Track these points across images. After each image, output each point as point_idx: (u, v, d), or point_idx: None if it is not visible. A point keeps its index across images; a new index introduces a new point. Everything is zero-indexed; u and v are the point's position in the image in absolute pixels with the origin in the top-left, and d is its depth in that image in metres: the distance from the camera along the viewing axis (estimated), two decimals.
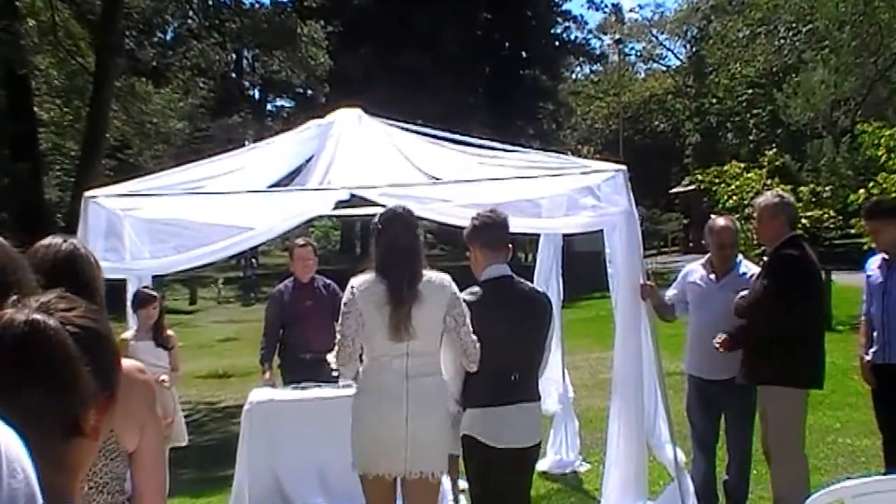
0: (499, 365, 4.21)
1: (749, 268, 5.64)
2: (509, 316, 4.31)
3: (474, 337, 4.11)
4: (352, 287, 4.11)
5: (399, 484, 4.15)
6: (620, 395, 5.55)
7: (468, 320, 4.11)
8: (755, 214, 5.51)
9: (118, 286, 6.13)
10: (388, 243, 4.11)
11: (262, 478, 5.97)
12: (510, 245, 4.45)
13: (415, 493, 4.14)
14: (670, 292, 5.89)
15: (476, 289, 4.36)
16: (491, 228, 4.40)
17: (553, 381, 6.97)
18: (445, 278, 4.17)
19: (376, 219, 4.25)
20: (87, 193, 5.29)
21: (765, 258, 5.46)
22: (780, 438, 5.19)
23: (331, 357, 4.38)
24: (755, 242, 15.39)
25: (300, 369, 6.44)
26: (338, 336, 4.12)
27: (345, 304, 4.12)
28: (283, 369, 6.77)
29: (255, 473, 5.96)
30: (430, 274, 4.14)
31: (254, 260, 35.47)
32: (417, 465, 4.05)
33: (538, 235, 7.10)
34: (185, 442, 6.34)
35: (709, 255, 5.73)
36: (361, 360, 4.21)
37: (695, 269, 5.81)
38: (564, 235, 6.76)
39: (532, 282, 6.88)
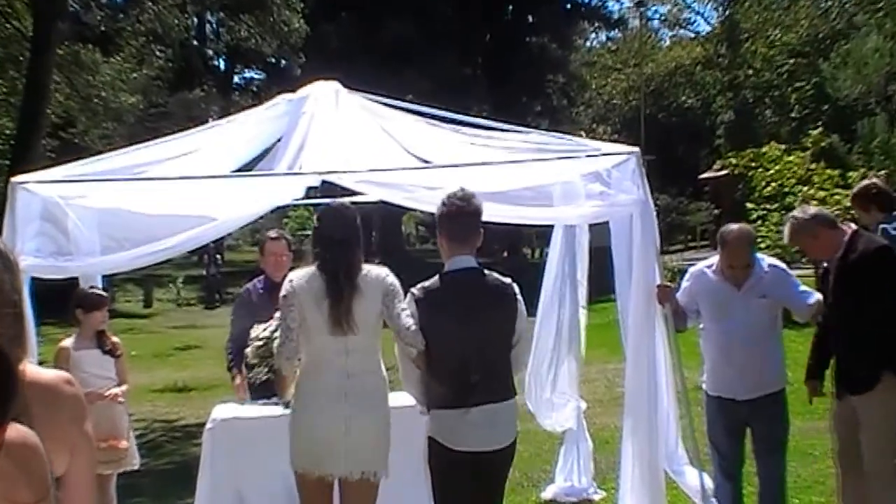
0: (455, 365, 4.55)
1: (770, 262, 5.66)
2: (465, 313, 4.57)
3: (411, 321, 4.56)
4: (291, 280, 4.72)
5: (338, 485, 4.69)
6: (634, 414, 5.57)
7: (403, 304, 4.61)
8: (792, 238, 5.54)
9: (59, 285, 6.13)
10: (322, 237, 4.72)
11: None
12: (481, 232, 4.70)
13: (354, 494, 4.67)
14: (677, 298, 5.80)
15: (430, 283, 4.68)
16: (460, 217, 4.64)
17: (568, 395, 6.98)
18: (383, 271, 4.72)
19: (316, 215, 4.88)
20: (15, 179, 5.22)
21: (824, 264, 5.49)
22: (879, 450, 5.18)
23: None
24: None
25: (271, 383, 6.42)
26: (281, 330, 4.69)
27: (284, 297, 4.70)
28: (250, 383, 6.77)
29: (219, 501, 5.97)
30: (368, 268, 4.71)
31: (218, 256, 35.40)
32: (358, 465, 4.60)
33: (546, 228, 7.12)
34: (138, 466, 6.35)
35: (719, 258, 5.67)
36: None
37: (703, 273, 5.73)
38: (590, 227, 6.73)
39: (541, 283, 6.90)
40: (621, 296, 5.72)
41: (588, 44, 57.24)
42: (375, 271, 4.70)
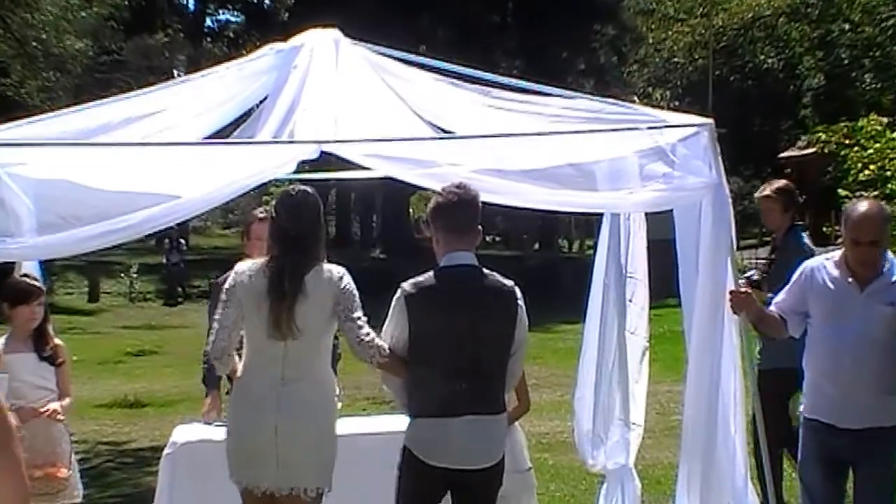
0: (442, 370, 4.98)
1: None
2: (458, 314, 5.00)
3: (367, 330, 5.00)
4: (235, 273, 5.19)
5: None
6: (693, 447, 5.57)
7: (358, 312, 5.05)
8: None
9: None
10: (274, 230, 5.23)
11: None
12: (480, 228, 5.08)
13: None
14: (780, 298, 5.78)
15: (423, 278, 5.09)
16: (455, 209, 4.99)
17: (623, 425, 6.93)
18: (338, 271, 5.15)
19: (273, 202, 5.34)
20: None
21: None
22: None
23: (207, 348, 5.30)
24: None
25: None
26: (214, 325, 5.14)
27: (226, 290, 5.17)
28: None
29: None
30: (323, 266, 5.13)
31: (182, 241, 35.55)
32: (288, 480, 5.01)
33: (590, 217, 7.10)
34: (80, 498, 6.38)
35: (843, 249, 5.60)
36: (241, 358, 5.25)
37: (822, 267, 5.66)
38: (646, 216, 6.70)
39: (590, 282, 6.87)
40: (686, 302, 5.69)
41: None
42: (330, 272, 5.13)
